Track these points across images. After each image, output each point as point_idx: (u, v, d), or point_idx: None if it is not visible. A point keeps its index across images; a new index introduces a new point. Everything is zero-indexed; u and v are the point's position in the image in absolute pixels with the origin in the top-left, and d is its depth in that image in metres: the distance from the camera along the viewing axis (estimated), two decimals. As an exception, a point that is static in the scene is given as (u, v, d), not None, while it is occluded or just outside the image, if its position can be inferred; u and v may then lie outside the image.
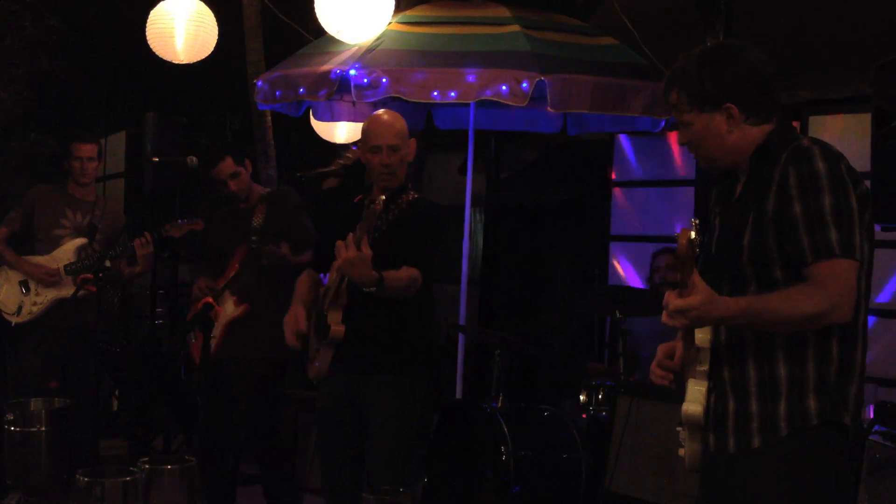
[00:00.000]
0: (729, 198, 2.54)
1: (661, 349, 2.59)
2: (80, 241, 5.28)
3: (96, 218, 5.34)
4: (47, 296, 5.20)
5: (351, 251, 3.52)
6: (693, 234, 2.21)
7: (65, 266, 5.21)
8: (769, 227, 2.34)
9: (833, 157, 2.35)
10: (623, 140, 7.13)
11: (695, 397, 2.47)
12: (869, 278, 2.42)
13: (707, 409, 2.46)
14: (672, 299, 2.29)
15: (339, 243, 3.55)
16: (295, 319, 3.84)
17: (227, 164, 4.88)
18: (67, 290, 5.13)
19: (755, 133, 2.46)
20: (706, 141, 2.49)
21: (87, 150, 5.37)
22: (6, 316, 5.27)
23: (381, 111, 3.96)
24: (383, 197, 3.60)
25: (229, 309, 4.78)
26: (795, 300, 2.30)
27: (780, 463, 2.36)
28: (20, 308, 5.23)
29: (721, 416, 2.44)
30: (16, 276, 5.26)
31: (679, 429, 2.54)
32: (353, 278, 3.58)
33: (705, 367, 2.45)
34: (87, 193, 5.43)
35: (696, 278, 2.27)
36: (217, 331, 4.76)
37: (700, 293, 2.26)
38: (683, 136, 2.54)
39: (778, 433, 2.36)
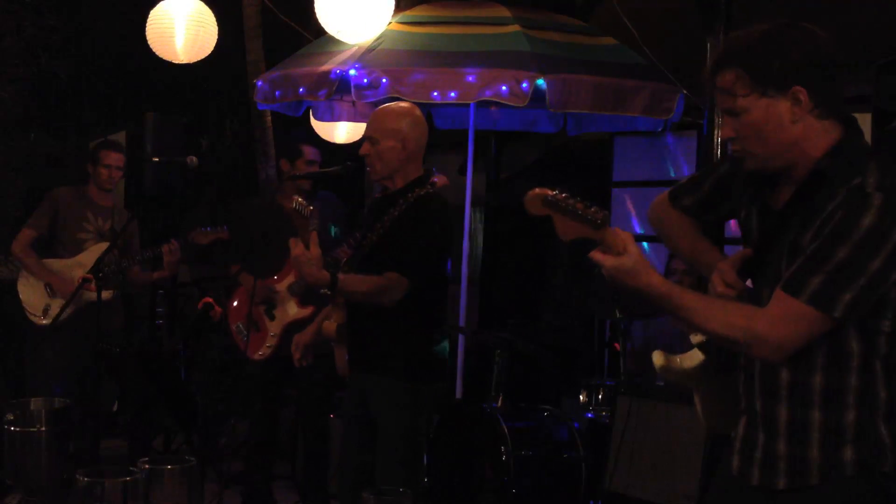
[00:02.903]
0: (766, 198, 2.24)
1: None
2: (106, 245, 5.27)
3: (116, 223, 5.38)
4: None
5: (297, 248, 3.43)
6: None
7: None
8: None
9: (892, 210, 2.00)
10: (623, 140, 7.13)
11: (688, 354, 2.40)
12: None
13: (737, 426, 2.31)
14: (594, 253, 2.13)
15: (292, 241, 3.47)
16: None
17: (317, 152, 5.12)
18: (92, 294, 5.10)
19: (818, 130, 2.12)
20: (764, 133, 2.12)
21: (116, 158, 5.47)
22: (32, 317, 5.28)
23: (394, 102, 3.94)
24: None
25: (292, 310, 4.82)
26: (714, 313, 2.12)
27: None
28: (47, 309, 5.24)
29: (751, 443, 2.23)
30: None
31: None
32: (304, 278, 3.53)
33: (700, 338, 2.38)
34: (105, 198, 5.50)
35: (628, 241, 2.10)
36: (276, 329, 4.79)
37: (625, 258, 2.09)
38: (731, 127, 2.15)
39: (806, 479, 2.12)
